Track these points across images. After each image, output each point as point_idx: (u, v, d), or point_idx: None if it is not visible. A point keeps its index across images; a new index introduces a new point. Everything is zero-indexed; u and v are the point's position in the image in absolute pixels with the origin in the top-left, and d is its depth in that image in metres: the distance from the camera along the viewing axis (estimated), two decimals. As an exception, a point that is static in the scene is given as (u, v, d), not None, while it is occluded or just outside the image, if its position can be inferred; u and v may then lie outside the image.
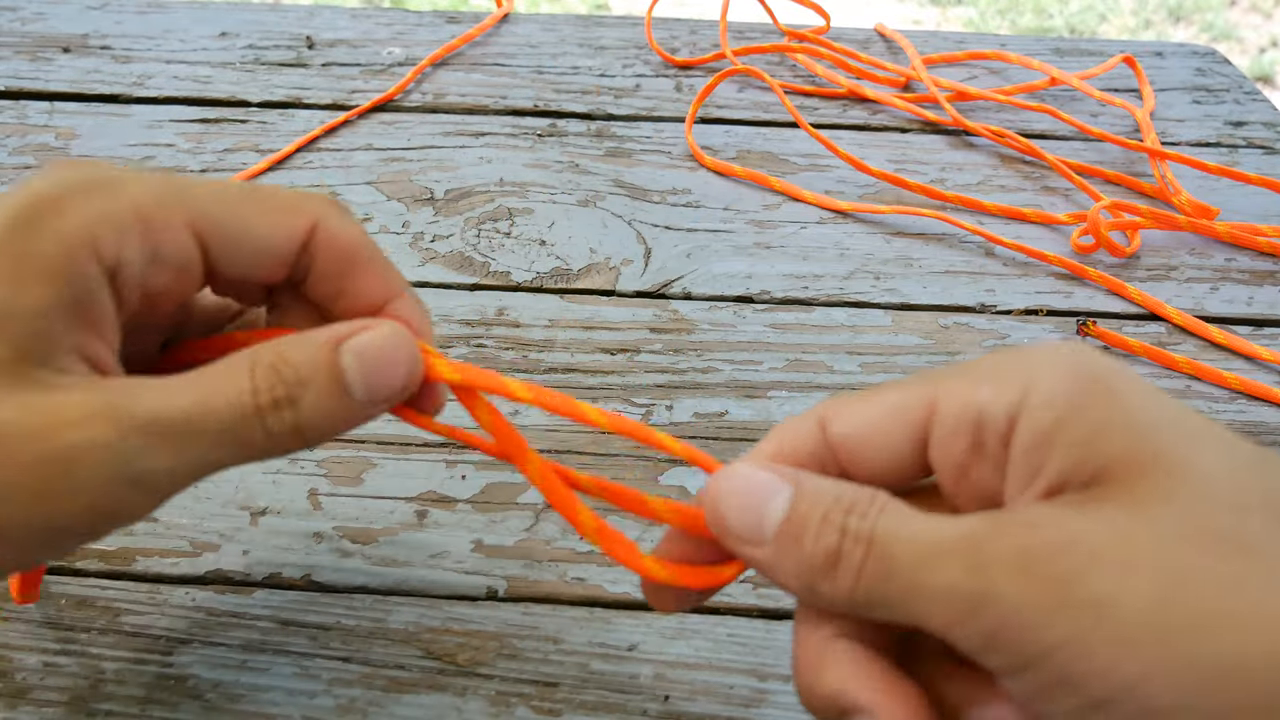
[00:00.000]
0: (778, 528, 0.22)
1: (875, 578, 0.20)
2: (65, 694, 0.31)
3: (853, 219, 0.54)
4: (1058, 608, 0.18)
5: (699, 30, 0.73)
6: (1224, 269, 0.51)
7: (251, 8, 0.73)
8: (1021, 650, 0.18)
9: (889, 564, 0.20)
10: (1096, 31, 2.42)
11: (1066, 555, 0.18)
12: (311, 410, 0.23)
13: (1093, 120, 0.63)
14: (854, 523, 0.21)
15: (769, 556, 0.22)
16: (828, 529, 0.21)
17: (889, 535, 0.20)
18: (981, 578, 0.19)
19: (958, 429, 0.21)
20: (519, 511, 0.37)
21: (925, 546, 0.20)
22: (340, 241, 0.25)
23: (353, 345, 0.23)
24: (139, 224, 0.23)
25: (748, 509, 0.22)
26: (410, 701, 0.31)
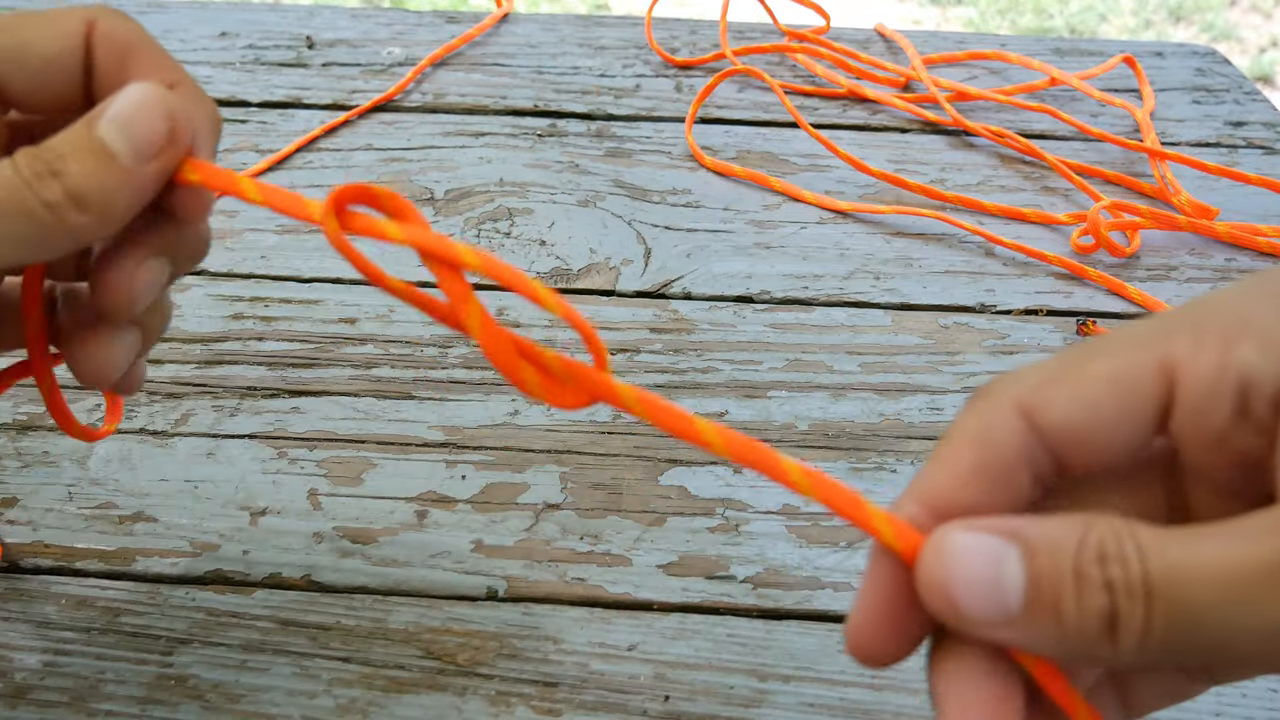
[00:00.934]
0: (1023, 601, 0.18)
1: (1173, 631, 0.17)
2: (65, 694, 0.31)
3: (853, 219, 0.54)
4: None
5: (699, 30, 0.73)
6: (1224, 269, 0.51)
7: (251, 8, 0.73)
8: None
9: (1189, 612, 0.17)
10: (1096, 31, 2.42)
11: None
12: (80, 176, 0.22)
13: (1093, 120, 0.63)
14: (1117, 574, 0.17)
15: (1019, 636, 0.18)
16: (1089, 588, 0.17)
17: (1174, 575, 0.17)
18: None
19: (1217, 397, 0.18)
20: (519, 511, 0.37)
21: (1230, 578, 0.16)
22: (117, 35, 0.25)
23: (106, 113, 0.23)
24: None
25: (978, 586, 0.18)
26: (410, 701, 0.31)
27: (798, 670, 0.32)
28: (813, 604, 0.34)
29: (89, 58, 0.25)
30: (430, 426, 0.40)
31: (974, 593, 0.18)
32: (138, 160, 0.23)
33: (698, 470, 0.39)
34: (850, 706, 0.31)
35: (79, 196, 0.22)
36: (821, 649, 0.33)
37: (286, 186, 0.56)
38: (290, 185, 0.55)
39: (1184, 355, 0.18)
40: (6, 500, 0.37)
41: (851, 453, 0.40)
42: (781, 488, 0.22)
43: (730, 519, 0.37)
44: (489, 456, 0.39)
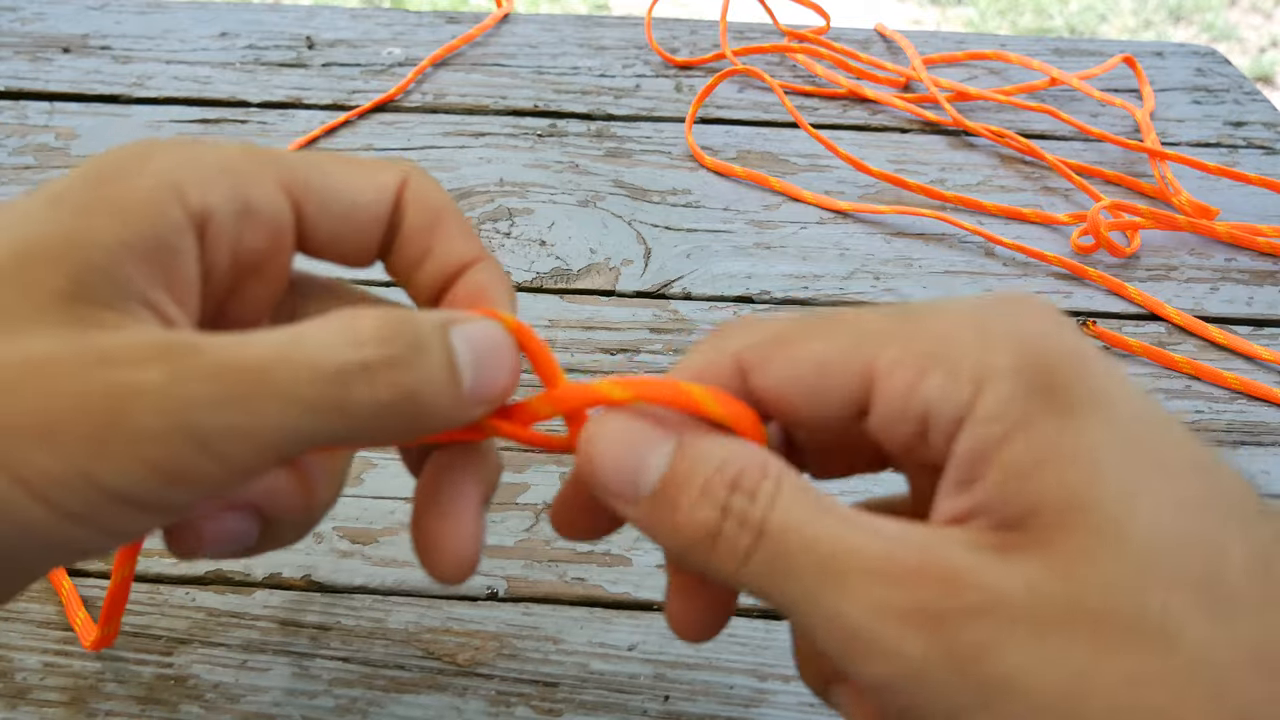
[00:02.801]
0: (653, 487, 0.20)
1: (768, 573, 0.18)
2: (65, 694, 0.31)
3: (853, 219, 0.54)
4: (964, 680, 0.17)
5: (699, 30, 0.73)
6: (1224, 269, 0.51)
7: (251, 8, 0.73)
8: (916, 707, 0.17)
9: (786, 564, 0.18)
10: (1096, 31, 2.42)
11: (981, 624, 0.17)
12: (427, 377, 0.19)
13: (1093, 120, 0.63)
14: (738, 503, 0.19)
15: (642, 517, 0.20)
16: (705, 501, 0.19)
17: (788, 531, 0.18)
18: (885, 623, 0.17)
19: (903, 417, 0.19)
20: (519, 511, 0.37)
21: (829, 559, 0.18)
22: (429, 198, 0.23)
23: (462, 330, 0.20)
24: (228, 175, 0.21)
25: (623, 462, 0.20)
26: (410, 701, 0.31)
27: (798, 670, 0.32)
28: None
29: (397, 214, 0.23)
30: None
31: (616, 467, 0.20)
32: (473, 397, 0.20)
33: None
34: (850, 706, 0.31)
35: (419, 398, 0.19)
36: (821, 649, 0.33)
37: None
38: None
39: (883, 369, 0.19)
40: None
41: (851, 453, 0.40)
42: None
43: (730, 519, 0.37)
44: (489, 456, 0.39)
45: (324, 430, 0.18)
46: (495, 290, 0.23)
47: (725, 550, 0.19)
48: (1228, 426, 0.42)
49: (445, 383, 0.20)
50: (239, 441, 0.18)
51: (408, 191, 0.23)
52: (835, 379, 0.20)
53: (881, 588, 0.17)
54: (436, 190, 0.24)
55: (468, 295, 0.23)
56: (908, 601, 0.17)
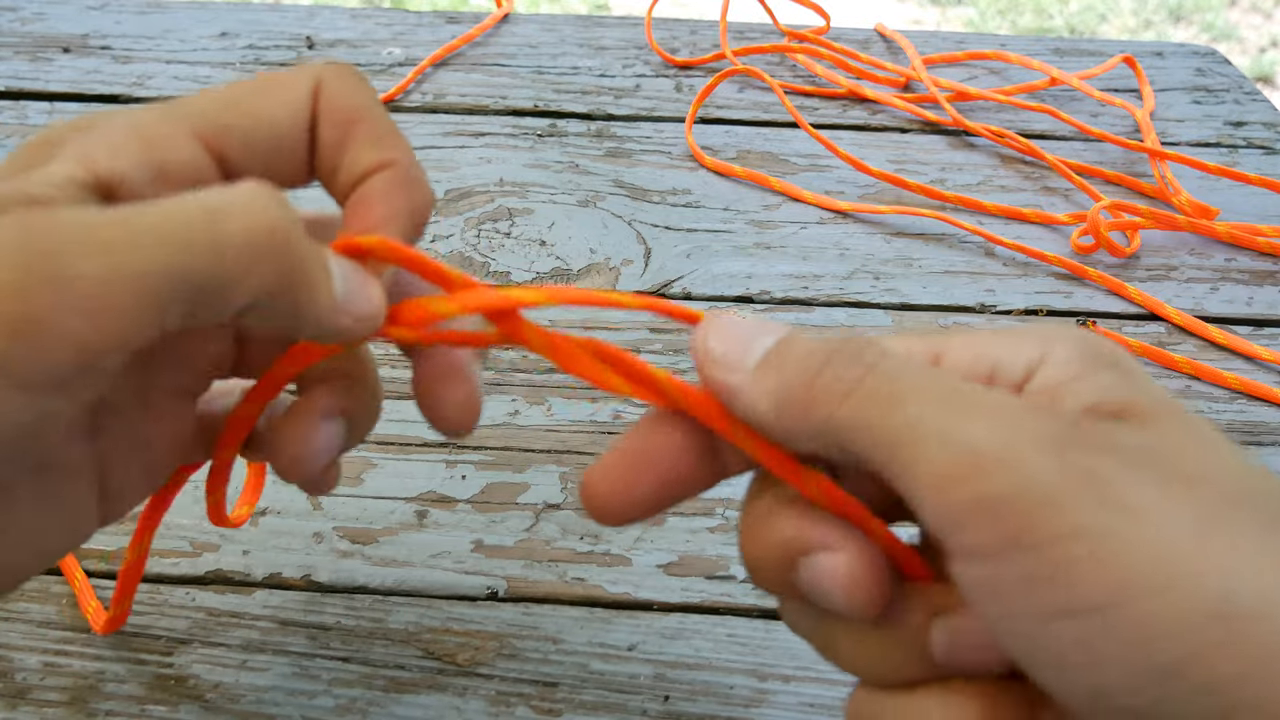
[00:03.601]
0: (761, 356, 0.20)
1: (875, 403, 0.18)
2: (65, 694, 0.31)
3: (853, 219, 0.54)
4: (1094, 500, 0.16)
5: (699, 30, 0.73)
6: (1224, 269, 0.51)
7: (251, 8, 0.73)
8: (1026, 528, 0.17)
9: (904, 392, 0.18)
10: (1096, 31, 2.42)
11: (1108, 455, 0.17)
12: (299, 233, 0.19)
13: (1093, 120, 0.63)
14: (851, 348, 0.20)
15: (743, 380, 0.20)
16: (812, 359, 0.20)
17: (897, 366, 0.19)
18: (1009, 440, 0.17)
19: (969, 375, 0.20)
20: (519, 511, 0.37)
21: (946, 390, 0.18)
22: (340, 106, 0.23)
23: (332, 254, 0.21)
24: (137, 141, 0.21)
25: (735, 339, 0.21)
26: (410, 701, 0.31)
27: (798, 670, 0.32)
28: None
29: (314, 130, 0.23)
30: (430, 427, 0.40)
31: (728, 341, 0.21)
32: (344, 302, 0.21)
33: (698, 470, 0.39)
34: (850, 706, 0.31)
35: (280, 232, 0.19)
36: (821, 649, 0.33)
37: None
38: (290, 185, 0.55)
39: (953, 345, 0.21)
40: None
41: (851, 453, 0.40)
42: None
43: (730, 519, 0.37)
44: (489, 456, 0.39)
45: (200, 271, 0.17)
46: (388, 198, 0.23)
47: (826, 388, 0.19)
48: (1228, 426, 0.42)
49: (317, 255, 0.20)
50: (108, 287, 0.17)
51: (321, 102, 0.23)
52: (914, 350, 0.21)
53: (1010, 415, 0.18)
54: (351, 89, 0.23)
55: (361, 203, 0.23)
56: (1039, 429, 0.17)
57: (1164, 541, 0.16)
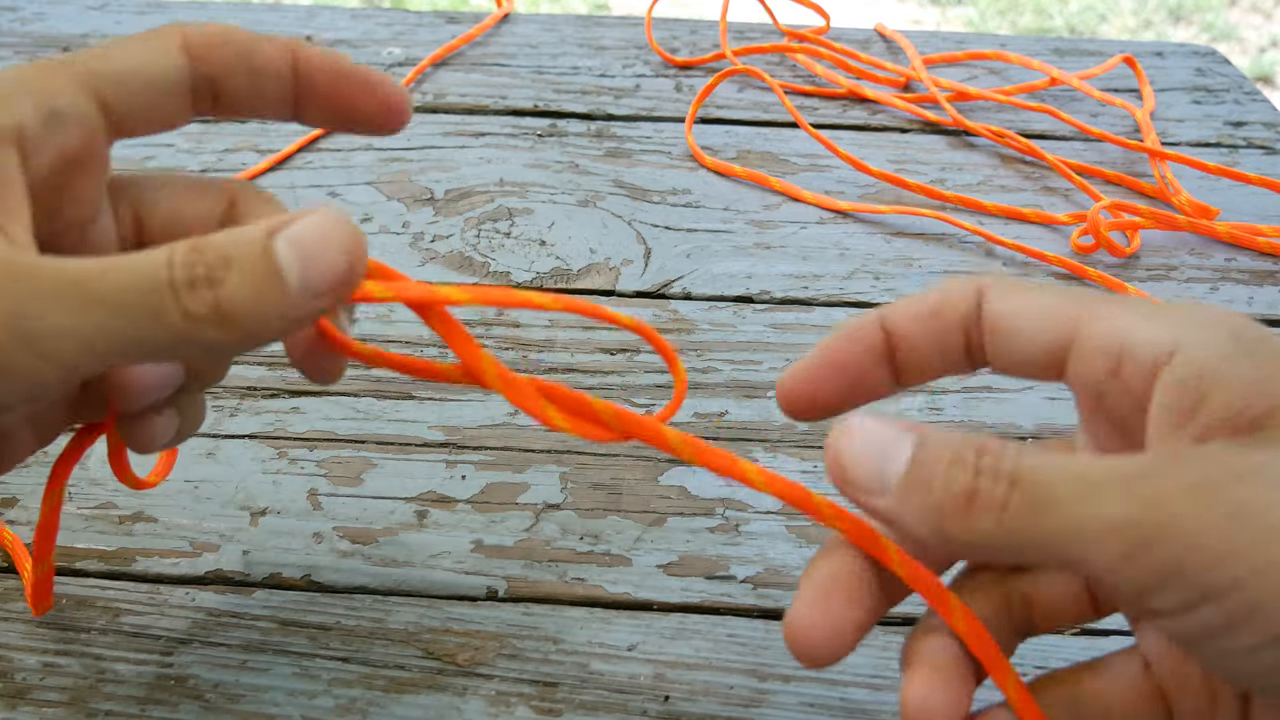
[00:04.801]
0: (902, 475, 0.21)
1: (1026, 515, 0.19)
2: (65, 694, 0.31)
3: (853, 219, 0.54)
4: (1244, 537, 0.17)
5: (699, 30, 0.73)
6: (1224, 269, 0.51)
7: (251, 8, 0.73)
8: (1204, 583, 0.18)
9: (1045, 497, 0.19)
10: (1096, 31, 2.42)
11: (1246, 484, 0.18)
12: (236, 291, 0.20)
13: (1093, 120, 0.63)
14: (989, 462, 0.20)
15: (892, 505, 0.21)
16: (959, 470, 0.20)
17: (1039, 470, 0.20)
18: (1157, 509, 0.18)
19: (1100, 351, 0.21)
20: (519, 511, 0.37)
21: (1086, 479, 0.19)
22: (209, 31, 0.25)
23: (289, 232, 0.21)
24: (29, 92, 0.23)
25: (869, 456, 0.21)
26: (410, 701, 0.31)
27: (798, 670, 0.32)
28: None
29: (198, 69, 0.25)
30: (430, 426, 0.40)
31: (862, 459, 0.21)
32: (304, 293, 0.21)
33: (698, 470, 0.39)
34: (850, 706, 0.31)
35: (227, 314, 0.20)
36: (821, 649, 0.33)
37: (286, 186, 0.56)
38: (290, 185, 0.55)
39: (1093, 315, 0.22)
40: (6, 500, 0.37)
41: (851, 453, 0.40)
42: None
43: (730, 519, 0.37)
44: (489, 456, 0.39)
45: (148, 337, 0.20)
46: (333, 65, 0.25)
47: (983, 505, 0.20)
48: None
49: (260, 290, 0.20)
50: (66, 342, 0.20)
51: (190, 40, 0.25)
52: (1049, 320, 0.23)
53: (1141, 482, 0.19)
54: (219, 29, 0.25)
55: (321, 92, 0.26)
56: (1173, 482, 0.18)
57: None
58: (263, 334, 0.21)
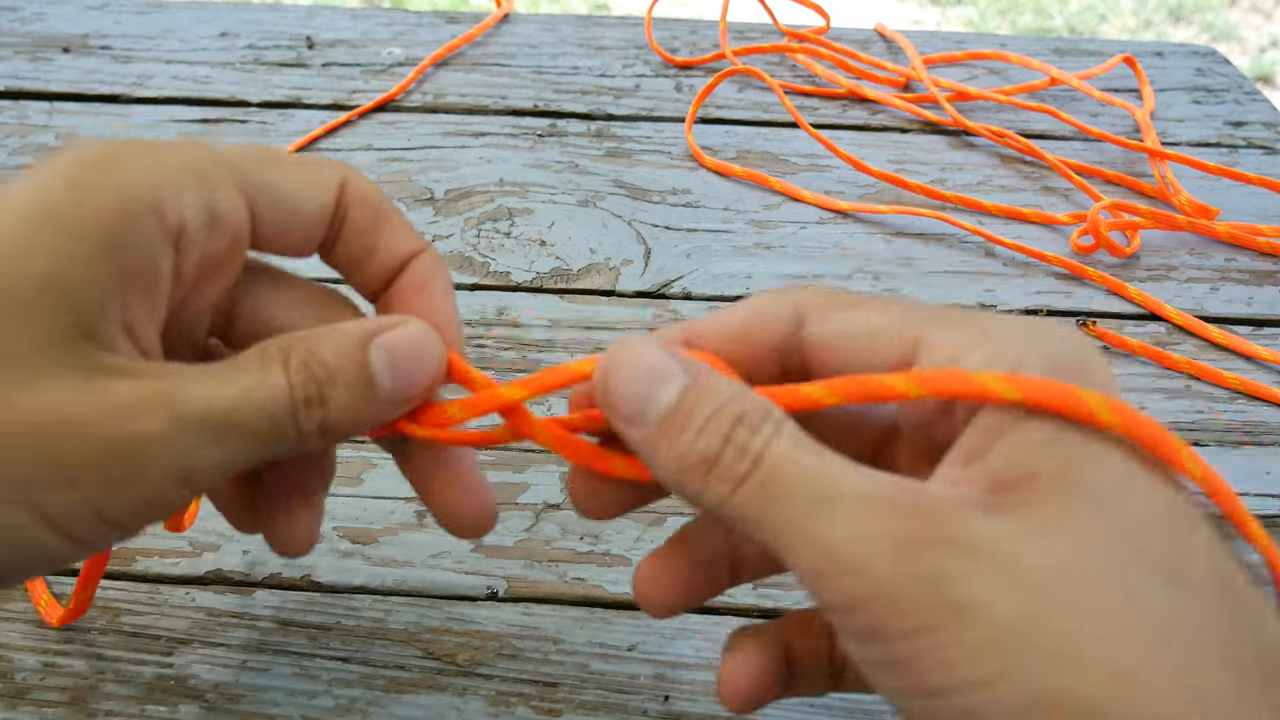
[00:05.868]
0: (661, 414, 0.21)
1: (759, 499, 0.20)
2: (65, 694, 0.31)
3: (853, 219, 0.54)
4: (928, 601, 0.18)
5: (699, 30, 0.73)
6: (1224, 269, 0.51)
7: (251, 8, 0.73)
8: (878, 625, 0.18)
9: (778, 492, 0.19)
10: (1096, 31, 2.42)
11: (952, 552, 0.18)
12: (339, 408, 0.22)
13: (1093, 120, 0.63)
14: (740, 435, 0.20)
15: (647, 440, 0.21)
16: (710, 431, 0.20)
17: (785, 461, 0.20)
18: (862, 548, 0.18)
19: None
20: (519, 511, 0.37)
21: (819, 490, 0.19)
22: (369, 196, 0.25)
23: (383, 340, 0.23)
24: (196, 182, 0.22)
25: (636, 387, 0.21)
26: (410, 701, 0.31)
27: (798, 670, 0.32)
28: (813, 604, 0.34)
29: (339, 212, 0.25)
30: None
31: (628, 392, 0.21)
32: (394, 399, 0.23)
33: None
34: (850, 707, 0.31)
35: (330, 428, 0.22)
36: (821, 649, 0.33)
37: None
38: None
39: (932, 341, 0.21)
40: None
41: (851, 453, 0.40)
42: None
43: (730, 519, 0.37)
44: (489, 456, 0.39)
45: (264, 455, 0.22)
46: (435, 280, 0.25)
47: (720, 475, 0.20)
48: (1227, 426, 0.42)
49: (358, 403, 0.23)
50: (209, 473, 0.22)
51: (349, 190, 0.25)
52: (883, 343, 0.22)
53: (865, 515, 0.19)
54: (375, 189, 0.25)
55: (411, 286, 0.26)
56: (888, 529, 0.18)
57: (988, 641, 0.17)
58: (355, 432, 0.23)
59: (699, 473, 0.20)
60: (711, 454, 0.20)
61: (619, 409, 0.22)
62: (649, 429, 0.21)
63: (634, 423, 0.21)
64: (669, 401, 0.21)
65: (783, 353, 0.23)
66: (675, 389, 0.21)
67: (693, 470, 0.20)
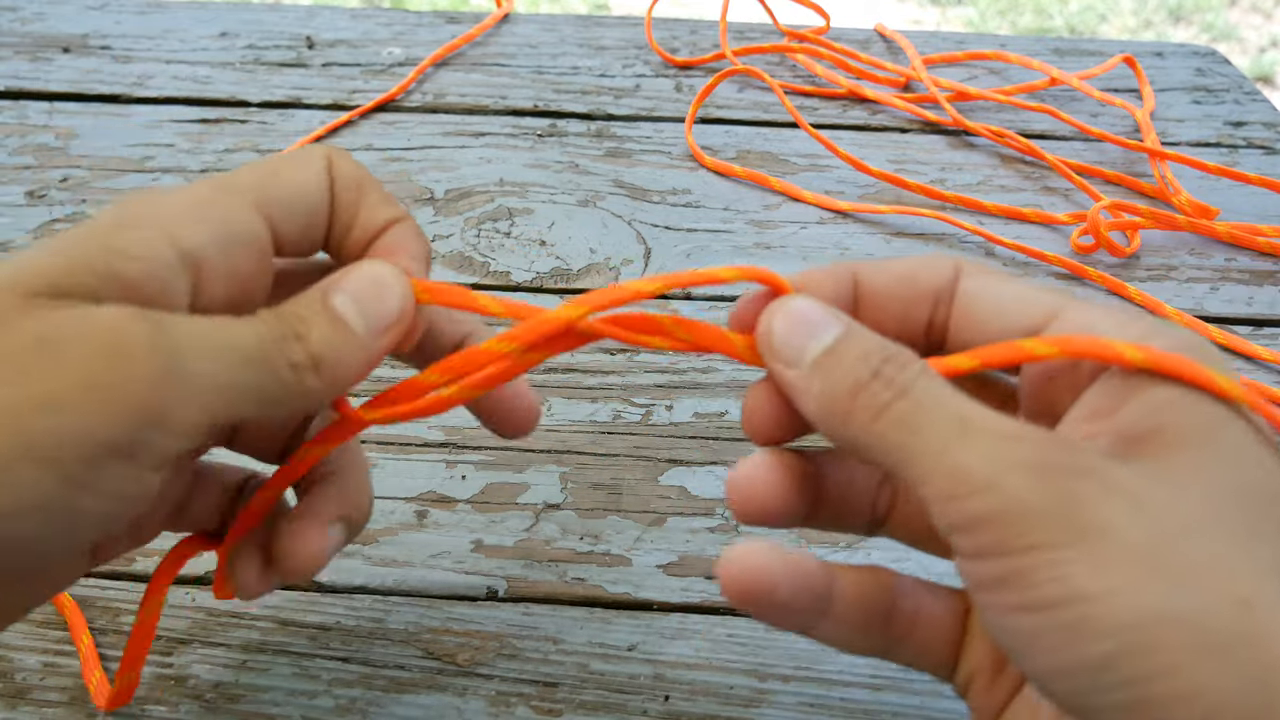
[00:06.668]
0: (818, 356, 0.23)
1: (899, 427, 0.21)
2: (65, 694, 0.31)
3: (853, 219, 0.54)
4: (1058, 519, 0.19)
5: (699, 30, 0.73)
6: (1224, 269, 0.51)
7: (251, 8, 0.73)
8: (1002, 538, 0.19)
9: (918, 419, 0.21)
10: (1096, 31, 2.42)
11: (1086, 480, 0.19)
12: (320, 341, 0.23)
13: (1093, 120, 0.63)
14: (889, 370, 0.22)
15: (800, 380, 0.23)
16: (861, 366, 0.22)
17: (927, 393, 0.21)
18: (998, 467, 0.20)
19: None
20: (519, 511, 0.37)
21: (959, 421, 0.21)
22: (351, 173, 0.26)
23: (340, 286, 0.24)
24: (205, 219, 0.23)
25: (795, 333, 0.23)
26: (410, 701, 0.31)
27: (798, 670, 0.32)
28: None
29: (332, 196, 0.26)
30: (430, 426, 0.40)
31: (792, 332, 0.23)
32: (371, 333, 0.24)
33: (697, 470, 0.39)
34: (850, 706, 0.31)
35: (319, 359, 0.23)
36: (821, 649, 0.33)
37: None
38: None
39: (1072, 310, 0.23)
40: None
41: (851, 453, 0.40)
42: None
43: (730, 519, 0.37)
44: (489, 456, 0.39)
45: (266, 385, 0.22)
46: (407, 246, 0.26)
47: (865, 404, 0.22)
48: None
49: (337, 337, 0.23)
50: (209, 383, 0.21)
51: (334, 171, 0.26)
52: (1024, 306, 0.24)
53: (1002, 442, 0.20)
54: (354, 163, 0.27)
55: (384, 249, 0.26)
56: (1024, 454, 0.20)
57: (1112, 560, 0.19)
58: (349, 372, 0.24)
59: (846, 401, 0.22)
60: (861, 382, 0.22)
61: (779, 353, 0.23)
62: (804, 369, 0.23)
63: (791, 364, 0.23)
64: (825, 344, 0.23)
65: (936, 301, 0.25)
66: (833, 335, 0.23)
67: (841, 399, 0.22)
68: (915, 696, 0.31)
